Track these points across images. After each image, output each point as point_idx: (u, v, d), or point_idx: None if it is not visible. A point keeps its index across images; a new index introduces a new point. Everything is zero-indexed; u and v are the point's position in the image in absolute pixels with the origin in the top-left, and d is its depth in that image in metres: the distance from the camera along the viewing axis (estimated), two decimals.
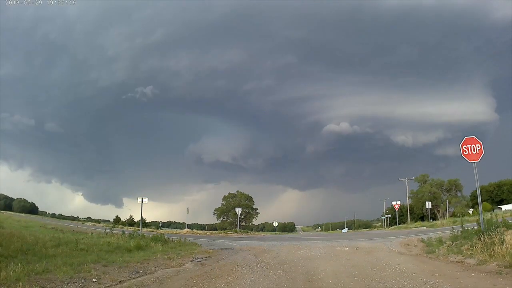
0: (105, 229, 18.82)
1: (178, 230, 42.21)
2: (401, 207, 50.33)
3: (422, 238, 12.52)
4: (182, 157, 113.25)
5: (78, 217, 67.49)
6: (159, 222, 63.07)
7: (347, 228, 68.08)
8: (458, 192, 51.45)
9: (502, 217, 12.55)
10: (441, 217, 43.71)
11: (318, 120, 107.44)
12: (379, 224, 66.49)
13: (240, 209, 46.09)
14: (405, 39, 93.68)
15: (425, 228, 27.53)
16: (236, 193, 59.61)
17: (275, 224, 48.87)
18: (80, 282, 5.85)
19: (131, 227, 34.50)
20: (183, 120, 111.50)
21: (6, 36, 76.97)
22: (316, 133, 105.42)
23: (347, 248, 11.55)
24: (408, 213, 48.73)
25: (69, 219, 57.38)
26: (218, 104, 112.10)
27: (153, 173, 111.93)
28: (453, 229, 11.24)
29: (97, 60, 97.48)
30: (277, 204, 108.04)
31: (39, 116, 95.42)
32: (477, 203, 10.57)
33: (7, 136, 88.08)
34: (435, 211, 48.71)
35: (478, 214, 9.82)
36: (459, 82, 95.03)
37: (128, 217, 55.91)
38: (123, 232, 15.23)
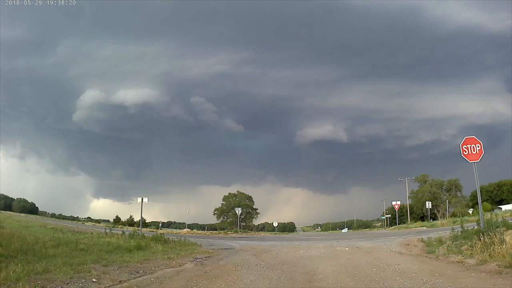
0: (105, 229, 18.79)
1: (178, 230, 42.20)
2: (401, 207, 50.32)
3: (422, 238, 12.52)
4: (182, 158, 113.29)
5: (78, 217, 67.65)
6: (159, 222, 63.05)
7: (347, 228, 68.15)
8: (458, 192, 51.54)
9: (502, 217, 12.57)
10: (441, 217, 43.78)
11: (319, 120, 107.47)
12: (379, 224, 66.54)
13: (240, 209, 46.10)
14: (421, 39, 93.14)
15: (425, 228, 27.52)
16: (236, 193, 59.65)
17: (275, 224, 48.89)
18: (80, 282, 5.85)
19: (131, 227, 34.51)
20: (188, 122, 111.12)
21: None
22: (316, 133, 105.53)
23: (347, 248, 11.53)
24: (408, 213, 48.72)
25: (69, 219, 57.36)
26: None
27: (154, 173, 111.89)
28: (453, 229, 11.24)
29: None
30: (277, 204, 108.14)
31: None
32: (477, 203, 10.56)
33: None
34: (435, 211, 48.77)
35: (478, 214, 9.81)
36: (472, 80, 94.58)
37: (128, 217, 56.02)
38: (123, 232, 15.21)
